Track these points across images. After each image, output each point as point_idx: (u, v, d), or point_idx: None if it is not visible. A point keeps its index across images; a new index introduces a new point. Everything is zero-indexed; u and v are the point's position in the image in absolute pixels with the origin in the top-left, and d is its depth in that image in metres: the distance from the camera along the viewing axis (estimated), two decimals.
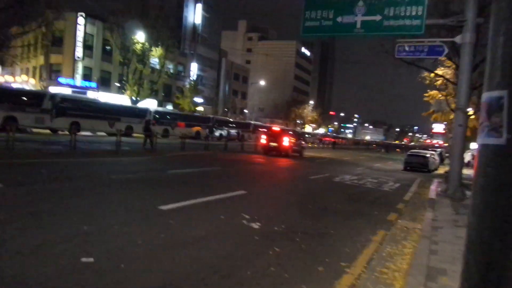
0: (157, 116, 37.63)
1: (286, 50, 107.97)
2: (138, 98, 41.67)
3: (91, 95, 39.35)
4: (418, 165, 25.71)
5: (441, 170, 29.87)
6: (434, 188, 14.45)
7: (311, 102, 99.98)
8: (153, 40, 40.89)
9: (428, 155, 26.79)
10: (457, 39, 12.79)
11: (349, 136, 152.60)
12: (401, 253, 5.51)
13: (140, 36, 39.67)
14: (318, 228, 6.67)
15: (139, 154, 17.72)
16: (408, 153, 28.48)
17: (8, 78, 42.62)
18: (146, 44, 40.55)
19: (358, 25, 13.86)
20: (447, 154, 52.48)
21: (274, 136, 26.41)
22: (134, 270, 3.91)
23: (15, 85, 39.19)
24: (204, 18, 66.73)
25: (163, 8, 44.62)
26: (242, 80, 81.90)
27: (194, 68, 62.43)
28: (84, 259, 4.00)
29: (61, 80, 38.22)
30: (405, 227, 7.47)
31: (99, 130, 31.65)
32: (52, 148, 16.19)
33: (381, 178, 17.94)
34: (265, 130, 60.52)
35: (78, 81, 39.81)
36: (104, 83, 43.13)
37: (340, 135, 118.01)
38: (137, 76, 41.38)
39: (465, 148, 12.97)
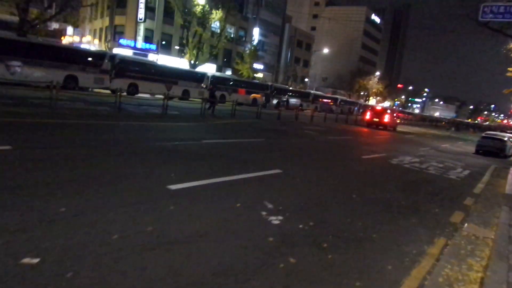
0: (212, 80, 37.13)
1: (355, 17, 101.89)
2: (197, 62, 41.27)
3: (151, 57, 39.56)
4: (494, 149, 22.68)
5: None
6: (511, 182, 12.22)
7: (377, 73, 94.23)
8: (214, 2, 39.76)
9: (505, 139, 23.55)
10: None
11: (416, 111, 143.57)
12: (464, 280, 4.04)
13: None
14: (357, 229, 5.31)
15: (185, 120, 17.06)
16: (483, 135, 25.27)
17: (76, 38, 44.11)
18: (207, 6, 39.53)
19: None
20: None
21: (377, 113, 34.54)
22: (79, 283, 2.91)
23: (80, 45, 40.39)
24: None
25: None
26: (305, 47, 78.74)
27: (256, 33, 60.74)
28: (26, 260, 3.08)
29: (122, 41, 38.65)
30: (473, 235, 5.86)
31: (157, 93, 31.81)
32: (98, 109, 15.96)
33: (448, 162, 15.76)
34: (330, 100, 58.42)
35: (139, 43, 40.06)
36: (165, 46, 43.11)
37: (406, 110, 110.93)
38: (196, 40, 40.80)
39: None
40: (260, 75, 61.50)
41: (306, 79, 77.52)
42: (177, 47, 43.18)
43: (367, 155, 13.73)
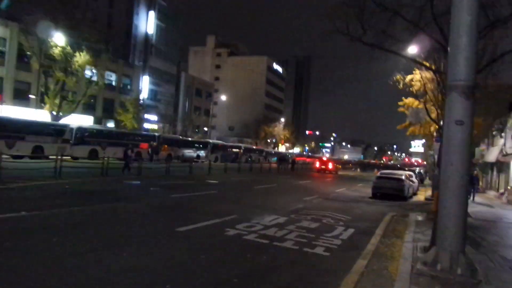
0: (78, 133, 30.67)
1: (257, 66, 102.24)
2: (60, 113, 34.34)
3: None
4: (391, 191, 19.14)
5: (421, 195, 23.54)
6: (410, 246, 7.73)
7: (282, 119, 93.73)
8: (78, 43, 33.81)
9: (403, 177, 20.28)
10: None
11: (327, 155, 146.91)
12: None
13: (59, 39, 32.53)
14: None
15: None
16: (378, 175, 21.95)
17: None
18: (68, 48, 33.42)
19: None
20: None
21: (324, 163, 48.87)
22: None
23: None
24: (159, 28, 60.33)
25: (90, 7, 37.85)
26: (206, 96, 75.16)
27: (145, 82, 55.54)
28: None
29: None
30: None
31: None
32: None
33: (328, 217, 11.18)
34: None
35: None
36: (20, 96, 35.72)
37: (316, 155, 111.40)
38: (58, 87, 34.12)
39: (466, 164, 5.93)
40: (154, 126, 55.69)
41: (206, 128, 73.17)
42: (32, 96, 35.87)
43: (193, 224, 8.45)
